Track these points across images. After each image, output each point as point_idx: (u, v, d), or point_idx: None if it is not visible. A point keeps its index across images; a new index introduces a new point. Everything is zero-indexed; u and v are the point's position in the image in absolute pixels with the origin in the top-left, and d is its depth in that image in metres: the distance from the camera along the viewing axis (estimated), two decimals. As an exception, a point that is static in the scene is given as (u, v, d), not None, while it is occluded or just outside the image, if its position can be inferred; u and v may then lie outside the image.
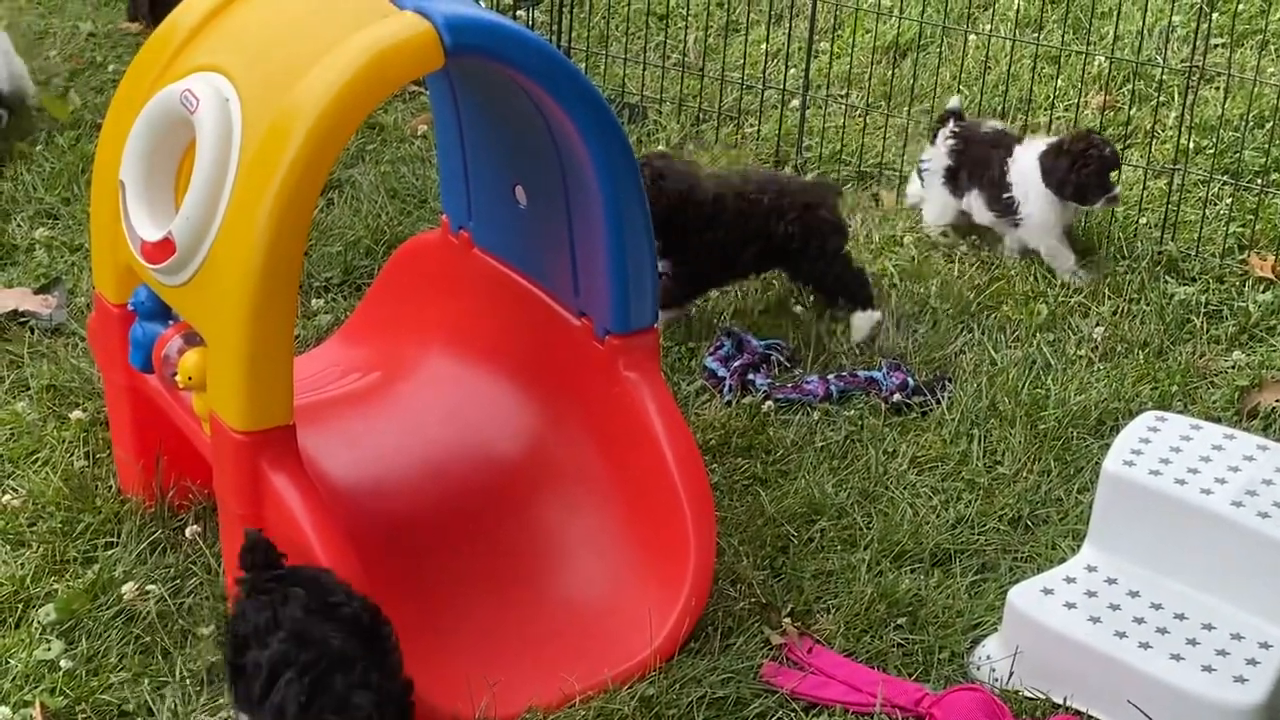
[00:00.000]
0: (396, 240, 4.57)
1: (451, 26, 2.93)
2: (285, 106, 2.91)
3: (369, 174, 4.98)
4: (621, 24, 5.84)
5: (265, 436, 2.98)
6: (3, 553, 3.36)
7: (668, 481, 3.21)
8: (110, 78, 5.54)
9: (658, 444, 3.24)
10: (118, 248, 3.26)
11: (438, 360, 3.74)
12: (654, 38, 5.78)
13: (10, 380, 3.93)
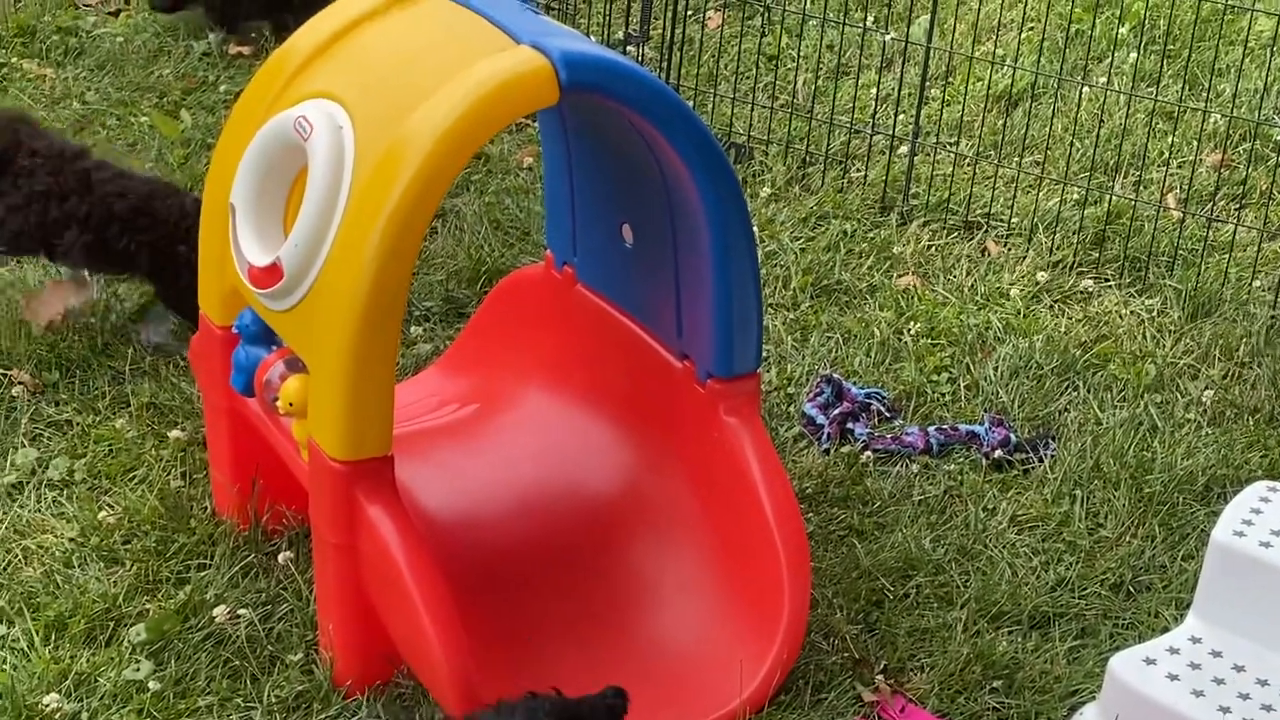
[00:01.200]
0: (498, 271, 4.57)
1: (568, 63, 2.92)
2: (399, 136, 2.90)
3: (473, 204, 4.99)
4: (730, 64, 5.81)
5: (363, 466, 2.97)
6: (97, 570, 3.37)
7: (764, 529, 3.16)
8: (221, 98, 5.59)
9: (755, 491, 3.20)
10: (225, 271, 3.27)
11: (536, 396, 3.72)
12: (763, 78, 5.75)
13: (111, 396, 3.96)
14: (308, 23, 3.30)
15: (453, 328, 4.39)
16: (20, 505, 3.56)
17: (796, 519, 3.17)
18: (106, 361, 4.09)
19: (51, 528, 3.50)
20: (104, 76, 5.65)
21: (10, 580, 3.32)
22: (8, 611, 3.24)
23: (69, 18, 6.03)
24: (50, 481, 3.65)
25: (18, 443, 3.76)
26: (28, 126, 4.24)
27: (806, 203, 5.05)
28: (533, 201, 5.01)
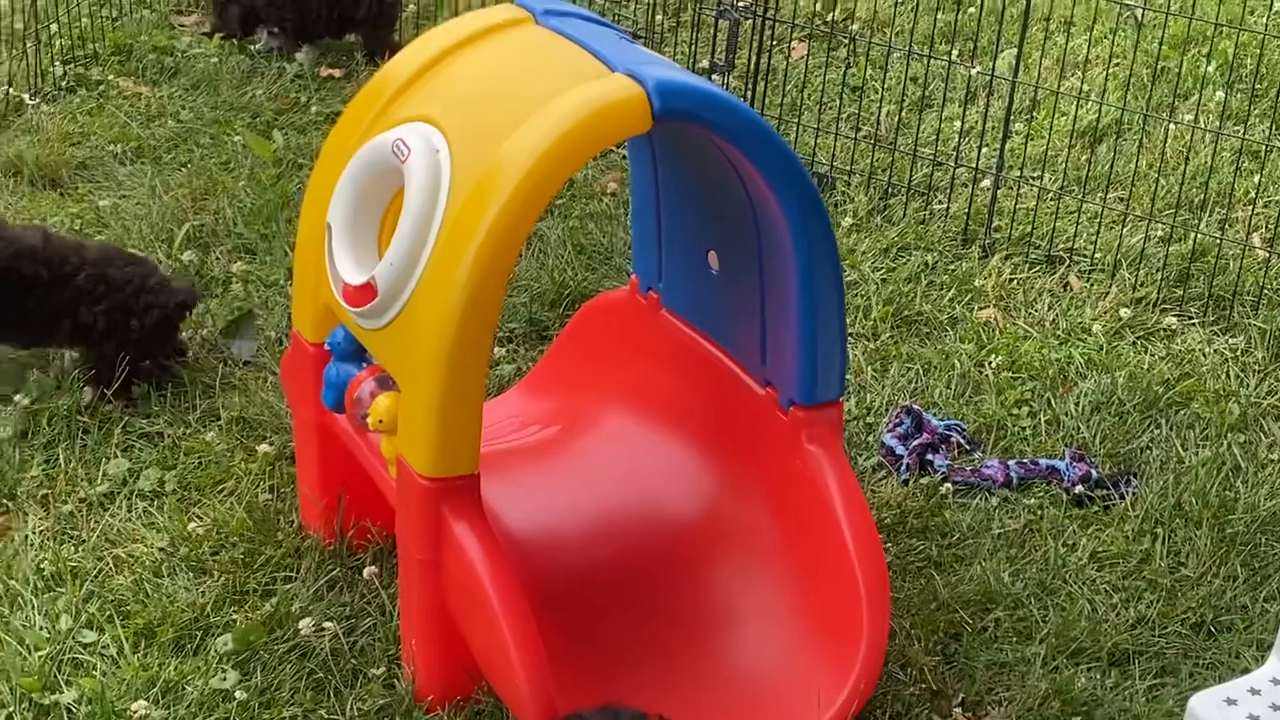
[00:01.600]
0: (581, 295, 4.61)
1: (662, 91, 2.95)
2: (494, 161, 2.95)
3: (556, 228, 5.04)
4: (814, 94, 5.84)
5: (450, 484, 3.01)
6: (186, 580, 3.43)
7: (844, 559, 3.17)
8: (313, 119, 5.68)
9: (836, 520, 3.21)
10: (319, 288, 3.33)
11: (618, 419, 3.75)
12: (845, 109, 5.77)
13: (202, 409, 4.03)
14: (405, 48, 3.36)
15: (535, 349, 4.44)
16: (112, 515, 3.63)
17: (877, 549, 3.18)
18: (197, 375, 4.16)
19: (142, 537, 3.57)
20: (198, 96, 5.75)
21: (101, 588, 3.39)
22: (98, 618, 3.30)
23: (165, 38, 6.15)
24: (141, 492, 3.72)
25: (110, 453, 3.83)
26: None
27: (888, 233, 5.07)
28: (615, 227, 5.05)
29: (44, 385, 4.00)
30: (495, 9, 3.38)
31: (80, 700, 3.09)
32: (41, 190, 5.07)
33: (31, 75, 5.69)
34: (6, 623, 3.28)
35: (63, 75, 5.79)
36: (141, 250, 4.67)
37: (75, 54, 5.94)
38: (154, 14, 6.39)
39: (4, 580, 3.40)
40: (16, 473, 3.75)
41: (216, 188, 5.10)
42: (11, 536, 3.56)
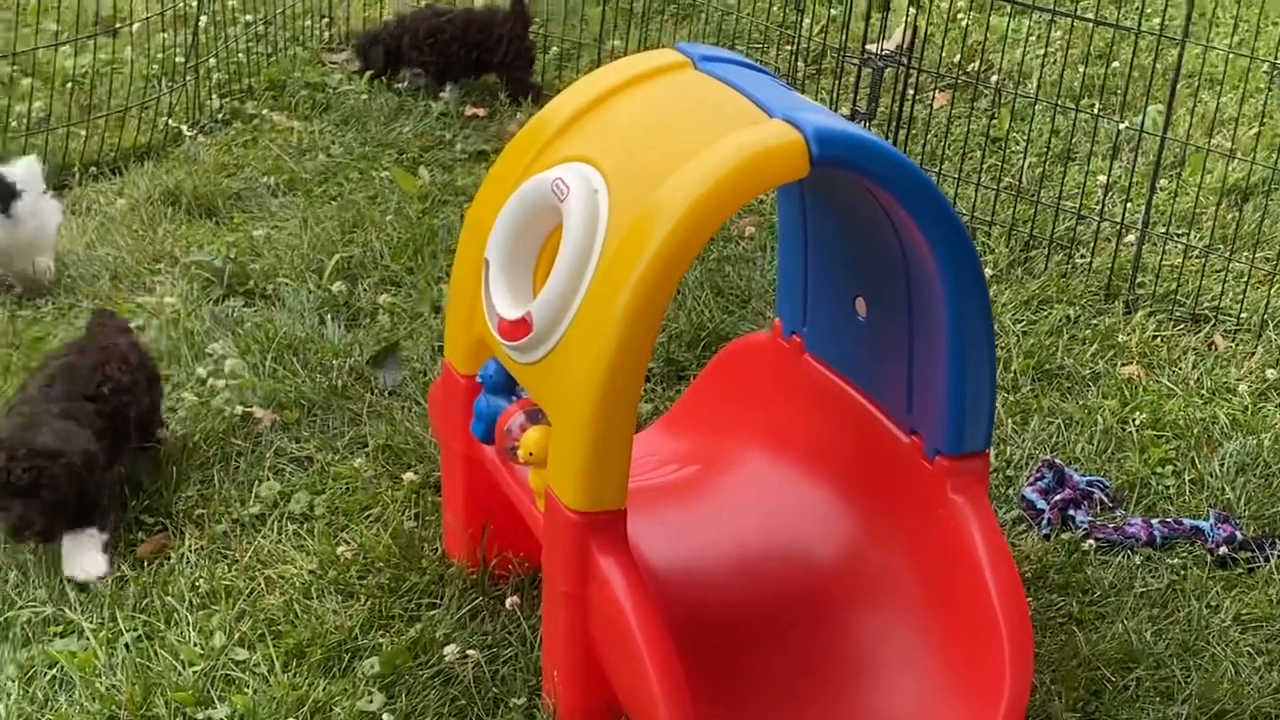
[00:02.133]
0: (718, 337, 4.65)
1: (820, 137, 2.98)
2: (651, 202, 3.00)
3: (695, 270, 5.08)
4: (955, 144, 5.84)
5: (598, 518, 3.05)
6: (334, 602, 3.51)
7: (987, 610, 3.16)
8: (457, 156, 5.80)
9: (980, 571, 3.20)
10: (473, 321, 3.40)
11: (758, 460, 3.77)
12: (986, 159, 5.76)
13: (349, 436, 4.12)
14: (566, 90, 3.43)
15: (673, 389, 4.48)
16: (263, 536, 3.72)
17: (1021, 602, 3.16)
18: (344, 403, 4.25)
19: (292, 559, 3.65)
20: (348, 131, 5.89)
21: (253, 607, 3.48)
22: (250, 637, 3.38)
23: (317, 74, 6.31)
24: (291, 515, 3.81)
25: (262, 475, 3.93)
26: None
27: (1029, 286, 5.05)
28: (753, 270, 5.09)
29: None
30: (655, 53, 3.44)
31: (232, 716, 3.17)
32: (198, 219, 5.22)
33: (190, 108, 5.87)
34: (163, 638, 3.38)
35: (219, 108, 5.96)
36: (293, 281, 4.79)
37: (231, 88, 6.11)
38: (306, 51, 6.56)
39: (161, 597, 3.49)
40: (173, 492, 3.85)
41: (364, 221, 5.21)
42: (168, 554, 3.66)
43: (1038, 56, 6.47)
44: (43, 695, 3.25)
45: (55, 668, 3.31)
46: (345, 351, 4.46)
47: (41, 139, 5.45)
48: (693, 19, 6.83)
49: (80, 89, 5.90)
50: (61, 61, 6.06)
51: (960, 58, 6.51)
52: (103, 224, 5.11)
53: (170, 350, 4.41)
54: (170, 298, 4.64)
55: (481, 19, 6.25)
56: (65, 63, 6.06)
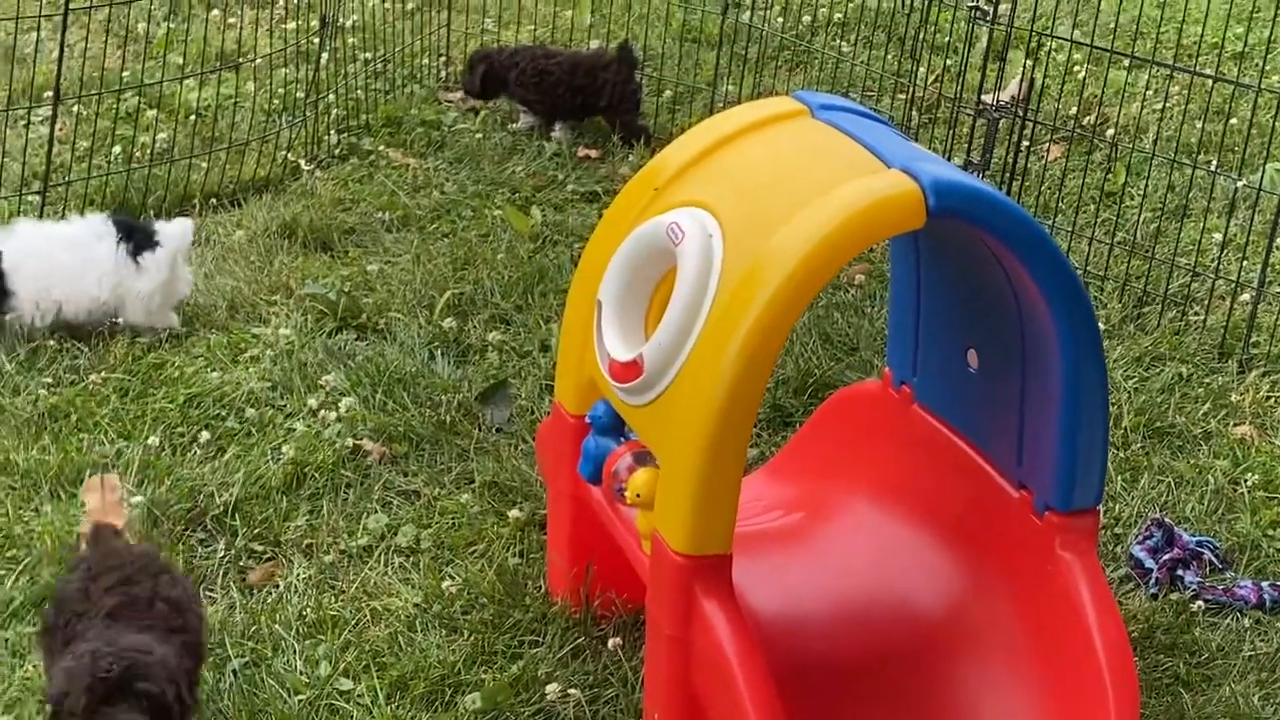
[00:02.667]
0: (825, 384, 4.64)
1: (938, 189, 2.99)
2: (767, 248, 3.01)
3: (804, 316, 5.07)
4: (1069, 197, 5.80)
5: (703, 562, 3.06)
6: (438, 636, 3.54)
7: (1093, 669, 3.12)
8: (568, 197, 5.84)
9: (1088, 630, 3.16)
10: (584, 362, 3.43)
11: (864, 509, 3.76)
12: (1101, 213, 5.72)
13: (457, 472, 4.16)
14: (683, 135, 3.46)
15: (778, 435, 4.48)
16: (370, 568, 3.77)
17: (1129, 663, 3.12)
18: (453, 438, 4.30)
19: (397, 592, 3.69)
20: (462, 169, 5.96)
21: (359, 638, 3.52)
22: (355, 668, 3.43)
23: (433, 112, 6.40)
24: (398, 547, 3.85)
25: (370, 508, 3.98)
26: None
27: (1141, 342, 5.00)
28: (862, 319, 5.08)
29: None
30: (773, 101, 3.46)
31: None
32: (314, 252, 5.30)
33: (309, 142, 5.97)
34: (269, 665, 3.43)
35: (337, 144, 6.06)
36: (405, 316, 4.85)
37: (349, 124, 6.21)
38: (423, 89, 6.65)
39: (269, 624, 3.54)
40: (283, 521, 3.91)
41: (476, 258, 5.27)
42: (276, 582, 3.71)
43: (1155, 111, 6.41)
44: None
45: (164, 691, 3.36)
46: (454, 387, 4.50)
47: (164, 169, 5.57)
48: (806, 66, 6.85)
49: (203, 122, 6.02)
50: (185, 94, 6.19)
51: (1076, 110, 6.47)
52: (221, 254, 5.21)
53: (283, 380, 4.47)
54: (285, 329, 4.71)
55: (587, 63, 6.29)
56: (189, 96, 6.19)
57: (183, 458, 4.12)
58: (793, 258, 2.96)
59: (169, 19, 6.96)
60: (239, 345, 4.66)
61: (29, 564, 3.69)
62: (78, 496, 3.93)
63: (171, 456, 4.12)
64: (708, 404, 2.99)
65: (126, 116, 5.99)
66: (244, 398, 4.38)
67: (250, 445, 4.19)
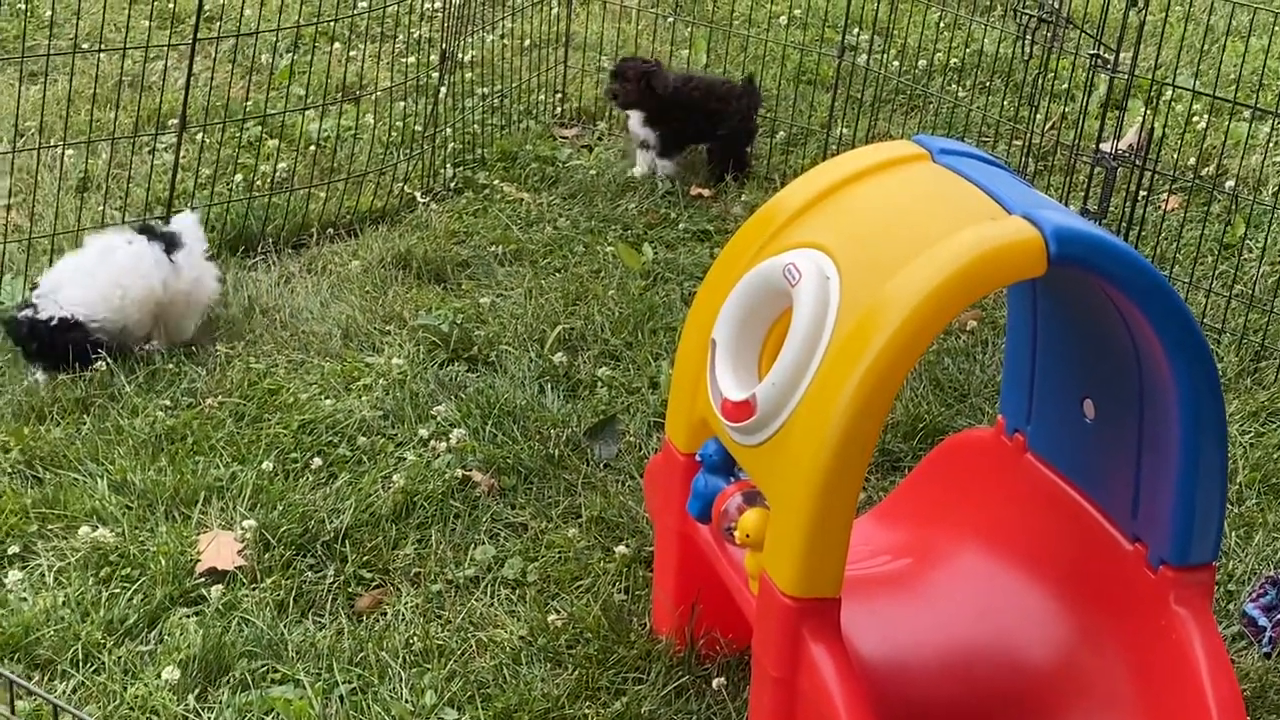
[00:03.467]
0: (934, 430, 4.61)
1: (1060, 237, 2.97)
2: (884, 292, 3.01)
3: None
4: (1186, 248, 5.73)
5: (812, 605, 3.05)
6: (543, 669, 3.55)
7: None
8: (680, 235, 5.86)
9: (1200, 687, 3.10)
10: (696, 400, 3.43)
11: (973, 557, 3.72)
12: (1218, 265, 5.64)
13: (564, 506, 4.18)
14: (801, 176, 3.46)
15: (887, 479, 4.45)
16: (476, 599, 3.79)
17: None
18: (560, 472, 4.32)
19: (503, 623, 3.71)
20: (575, 205, 6.01)
21: (464, 669, 3.54)
22: (459, 698, 3.44)
23: (547, 148, 6.45)
24: (504, 579, 3.87)
25: (478, 539, 4.01)
26: None
27: (1258, 397, 4.91)
28: (973, 365, 5.04)
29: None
30: (893, 144, 3.46)
31: (440, 774, 3.23)
32: (427, 283, 5.36)
33: (425, 175, 6.05)
34: (375, 693, 3.45)
35: (452, 177, 6.14)
36: (515, 349, 4.89)
37: (465, 158, 6.29)
38: (539, 125, 6.71)
39: (375, 652, 3.57)
40: (391, 549, 3.95)
41: (587, 294, 5.30)
42: (384, 610, 3.75)
43: (1276, 164, 6.31)
44: (259, 740, 3.35)
45: (271, 715, 3.40)
46: (563, 422, 4.53)
47: (283, 198, 5.66)
48: (921, 110, 6.83)
49: (322, 152, 6.12)
50: (305, 125, 6.30)
51: (1195, 161, 6.39)
52: (336, 283, 5.28)
53: (395, 410, 4.52)
54: (397, 359, 4.77)
55: (722, 90, 6.33)
56: (309, 126, 6.30)
57: (295, 483, 4.17)
58: (911, 302, 2.95)
59: (291, 51, 7.09)
60: (352, 373, 4.72)
61: (143, 584, 3.75)
62: (192, 518, 4.00)
63: (284, 481, 4.17)
64: (821, 446, 2.98)
65: (248, 145, 6.11)
66: (356, 425, 4.43)
67: (361, 473, 4.24)
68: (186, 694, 3.42)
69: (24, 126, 6.03)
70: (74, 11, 7.05)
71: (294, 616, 3.70)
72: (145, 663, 3.52)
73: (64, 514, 3.99)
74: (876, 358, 2.95)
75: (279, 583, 3.79)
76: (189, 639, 3.55)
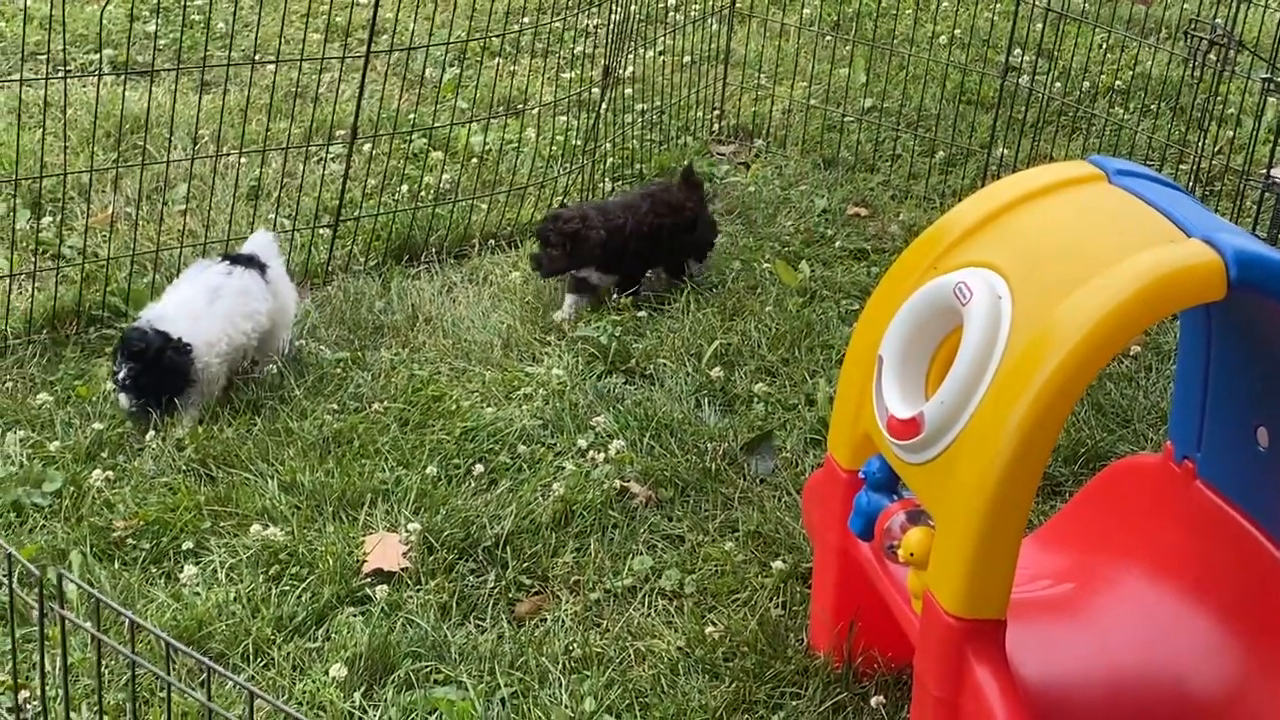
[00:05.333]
0: (1095, 455, 4.55)
1: (1241, 261, 2.93)
2: (1058, 313, 2.98)
3: (1076, 385, 4.98)
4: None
5: (977, 626, 3.03)
6: (700, 681, 3.57)
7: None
8: (836, 253, 5.85)
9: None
10: (860, 417, 3.43)
11: (1138, 584, 3.67)
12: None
13: (720, 519, 4.19)
14: (971, 197, 3.45)
15: (1047, 504, 4.40)
16: (634, 608, 3.82)
17: None
18: (717, 486, 4.33)
19: (660, 634, 3.73)
20: (733, 221, 6.02)
21: (622, 677, 3.57)
22: (618, 705, 3.48)
23: (705, 164, 6.48)
24: (661, 590, 3.90)
25: (635, 549, 4.04)
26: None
27: None
28: (1136, 391, 4.97)
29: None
30: (1067, 165, 3.44)
31: (598, 781, 3.26)
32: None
33: (584, 189, 6.11)
34: (536, 697, 3.50)
35: (610, 191, 6.18)
36: (672, 363, 4.91)
37: (623, 172, 6.34)
38: (696, 141, 6.74)
39: (535, 657, 3.62)
40: (551, 557, 3.99)
41: (744, 309, 5.31)
42: (543, 616, 3.79)
43: None
44: (422, 739, 3.41)
45: (435, 715, 3.46)
46: (720, 436, 4.54)
47: (445, 209, 5.76)
48: (1085, 133, 6.75)
49: (484, 165, 6.21)
50: (469, 138, 6.39)
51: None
52: (497, 293, 5.36)
53: (554, 420, 4.57)
54: (557, 369, 4.82)
55: (665, 198, 5.54)
56: (472, 139, 6.39)
57: (457, 488, 4.24)
58: (1087, 323, 2.93)
59: (455, 65, 7.20)
60: (512, 383, 4.78)
61: (311, 582, 3.83)
62: (359, 520, 4.08)
63: (447, 486, 4.24)
64: (991, 466, 2.97)
65: (413, 157, 6.22)
66: (516, 434, 4.49)
67: (521, 480, 4.29)
68: (353, 691, 3.50)
69: (198, 135, 6.21)
70: (246, 25, 7.25)
71: (456, 619, 3.76)
72: (313, 659, 3.60)
73: (236, 512, 4.09)
74: (1049, 379, 2.93)
75: (442, 585, 3.85)
76: (355, 637, 3.63)
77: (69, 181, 5.60)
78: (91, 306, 5.03)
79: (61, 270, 5.12)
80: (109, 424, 4.48)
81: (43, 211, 5.60)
